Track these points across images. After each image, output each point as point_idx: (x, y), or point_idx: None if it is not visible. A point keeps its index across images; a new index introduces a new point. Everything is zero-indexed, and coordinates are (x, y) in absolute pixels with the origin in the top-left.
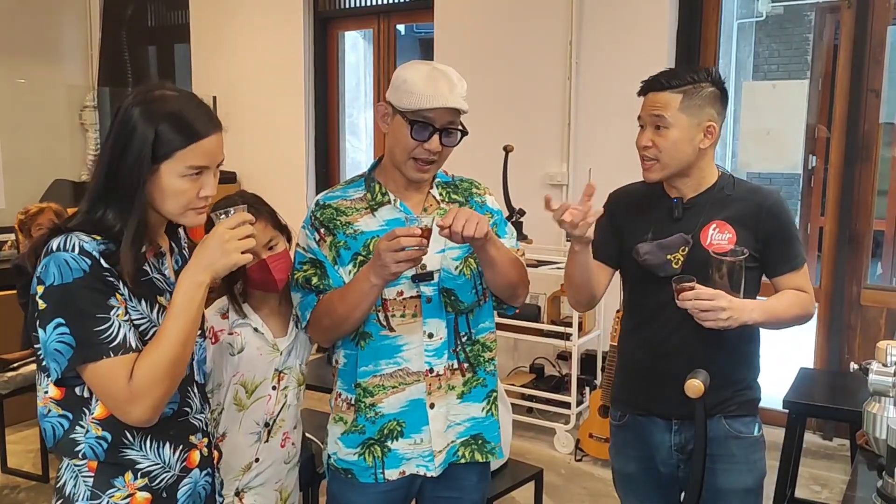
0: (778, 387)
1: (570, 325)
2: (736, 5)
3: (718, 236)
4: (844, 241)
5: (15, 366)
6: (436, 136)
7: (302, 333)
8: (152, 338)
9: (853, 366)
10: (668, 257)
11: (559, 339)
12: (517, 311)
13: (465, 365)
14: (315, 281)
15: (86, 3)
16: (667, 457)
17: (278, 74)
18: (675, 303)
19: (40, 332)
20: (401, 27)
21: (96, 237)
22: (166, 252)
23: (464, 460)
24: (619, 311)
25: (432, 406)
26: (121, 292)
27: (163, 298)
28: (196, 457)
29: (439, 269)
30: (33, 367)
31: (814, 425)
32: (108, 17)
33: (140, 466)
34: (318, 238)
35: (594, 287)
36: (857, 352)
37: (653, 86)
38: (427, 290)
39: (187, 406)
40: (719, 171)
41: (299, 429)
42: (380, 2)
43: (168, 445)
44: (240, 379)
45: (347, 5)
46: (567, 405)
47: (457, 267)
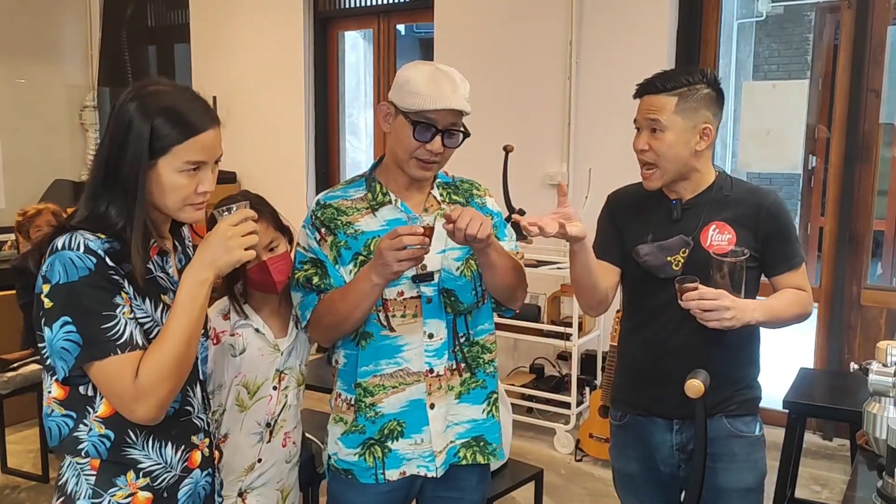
0: (778, 387)
1: (570, 325)
2: (736, 5)
3: (718, 237)
4: (844, 241)
5: (15, 366)
6: (438, 138)
7: (302, 333)
8: (156, 336)
9: (853, 366)
10: (669, 259)
11: (559, 339)
12: (517, 311)
13: (462, 366)
14: (316, 280)
15: (86, 3)
16: (668, 456)
17: (278, 74)
18: (676, 303)
19: (46, 330)
20: (401, 27)
21: (100, 235)
22: (170, 251)
23: (465, 462)
24: (619, 312)
25: (432, 406)
26: (126, 290)
27: (166, 297)
28: (197, 457)
29: (440, 270)
30: (33, 367)
31: (814, 425)
32: (108, 16)
33: (142, 466)
34: (318, 238)
35: (601, 288)
36: (857, 352)
37: (648, 88)
38: (427, 291)
39: (189, 406)
40: (716, 172)
41: (299, 428)
42: (380, 2)
43: (170, 445)
44: (241, 380)
45: (347, 5)
46: (567, 405)
47: (458, 268)
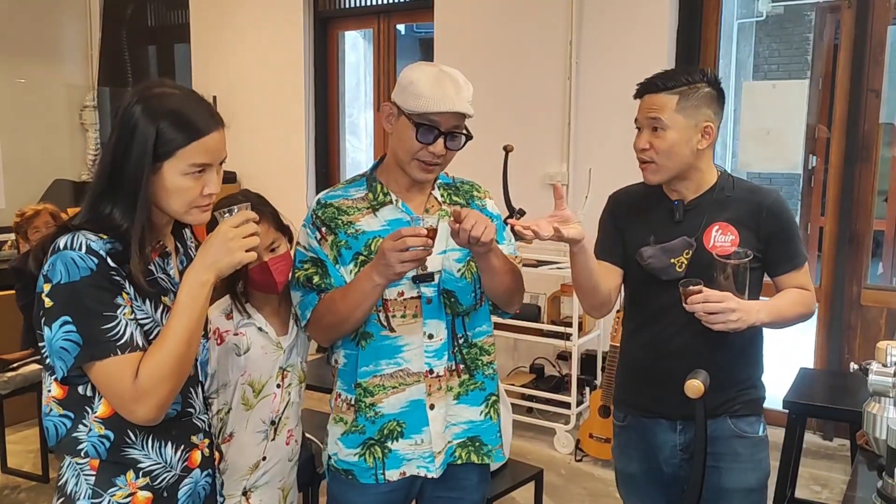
0: (778, 387)
1: (570, 325)
2: (736, 5)
3: (721, 238)
4: (844, 241)
5: (15, 366)
6: (441, 140)
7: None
8: (156, 337)
9: (853, 366)
10: (672, 261)
11: (559, 339)
12: (514, 314)
13: (461, 367)
14: (316, 280)
15: (86, 2)
16: (670, 456)
17: (278, 74)
18: (679, 304)
19: (46, 330)
20: (401, 27)
21: (103, 236)
22: (172, 252)
23: (460, 461)
24: (619, 312)
25: (432, 407)
26: (127, 291)
27: (167, 298)
28: (197, 457)
29: (440, 271)
30: (33, 367)
31: (814, 425)
32: (108, 16)
33: (142, 466)
34: (319, 237)
35: (603, 290)
36: (857, 352)
37: (648, 88)
38: (427, 291)
39: (190, 407)
40: (718, 172)
41: (300, 426)
42: (380, 2)
43: (170, 445)
44: (247, 379)
45: (347, 5)
46: (567, 405)
47: (459, 269)
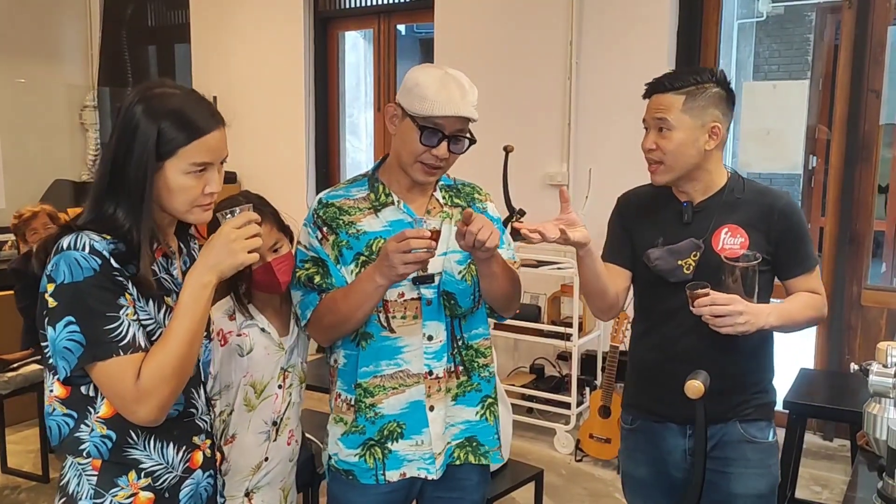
0: (778, 387)
1: (570, 325)
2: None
3: (730, 240)
4: (845, 242)
5: (15, 366)
6: (444, 143)
7: (302, 331)
8: (159, 338)
9: (854, 366)
10: (680, 263)
11: (559, 339)
12: (509, 317)
13: (460, 368)
14: (317, 280)
15: (86, 2)
16: (680, 460)
17: (278, 74)
18: (687, 307)
19: (49, 329)
20: (401, 27)
21: (106, 236)
22: (175, 253)
23: (458, 461)
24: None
25: (432, 409)
26: (129, 292)
27: (170, 299)
28: (199, 458)
29: (440, 272)
30: (33, 367)
31: (814, 426)
32: (108, 16)
33: (144, 466)
34: (320, 236)
35: (611, 292)
36: (857, 352)
37: (656, 88)
38: (427, 293)
39: (192, 407)
40: (728, 173)
41: (300, 427)
42: (380, 2)
43: (172, 446)
44: (249, 380)
45: (347, 5)
46: (567, 405)
47: (460, 272)
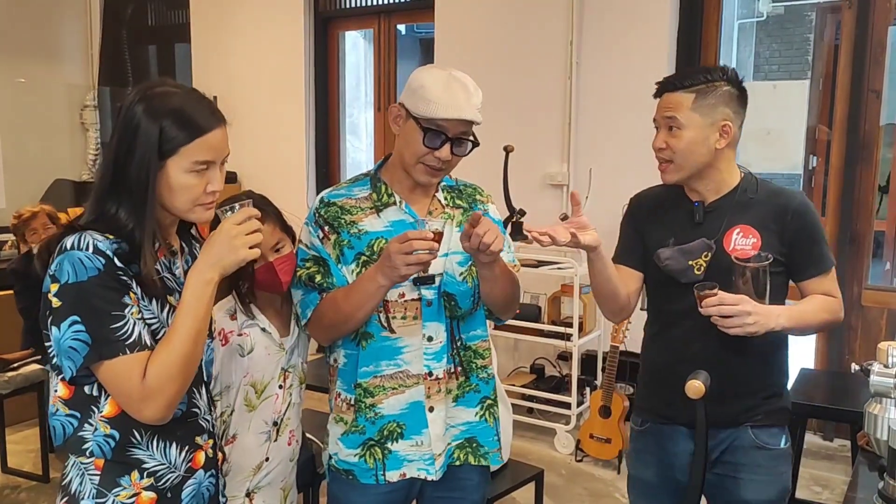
0: None
1: (570, 325)
2: (736, 5)
3: (742, 241)
4: (845, 242)
5: (15, 366)
6: (447, 145)
7: (302, 331)
8: (163, 337)
9: (854, 367)
10: (690, 263)
11: (560, 339)
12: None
13: (459, 369)
14: (318, 279)
15: (86, 2)
16: (687, 464)
17: (278, 74)
18: (699, 310)
19: (53, 330)
20: (401, 27)
21: (109, 236)
22: (177, 252)
23: (458, 462)
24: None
25: (431, 409)
26: (134, 291)
27: (172, 298)
28: (201, 458)
29: (441, 273)
30: (33, 366)
31: (814, 426)
32: (108, 16)
33: (146, 466)
34: (321, 235)
35: (622, 295)
36: (857, 352)
37: (666, 86)
38: (428, 294)
39: (195, 407)
40: (742, 173)
41: (300, 427)
42: (380, 2)
43: (174, 446)
44: (249, 380)
45: (348, 5)
46: (567, 406)
47: (461, 273)
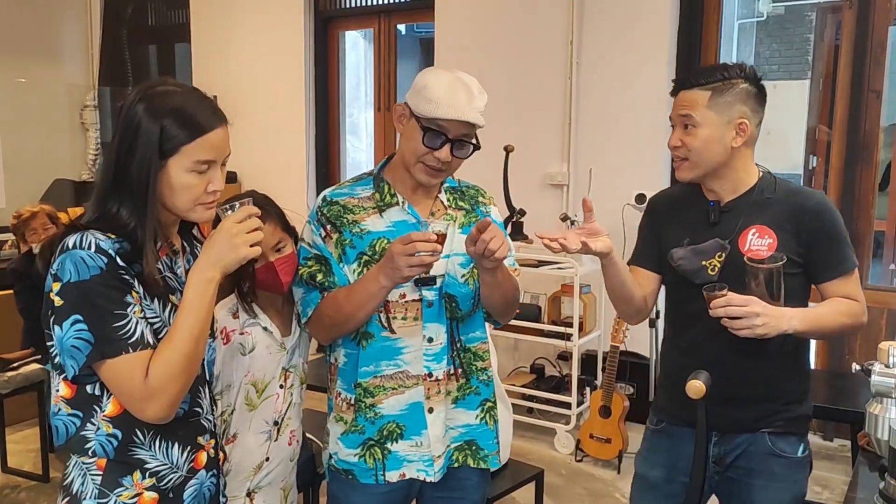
0: None
1: (570, 325)
2: (737, 5)
3: (758, 241)
4: None
5: (15, 365)
6: (447, 147)
7: (303, 331)
8: (165, 336)
9: (855, 367)
10: (704, 263)
11: (560, 339)
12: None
13: (459, 371)
14: (320, 278)
15: (86, 2)
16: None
17: (279, 74)
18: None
19: (55, 329)
20: (401, 27)
21: (111, 235)
22: (179, 251)
23: (457, 464)
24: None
25: (430, 411)
26: (136, 290)
27: (174, 297)
28: (203, 458)
29: (443, 275)
30: (33, 366)
31: (815, 426)
32: (108, 16)
33: (148, 466)
34: (324, 234)
35: (637, 298)
36: (857, 352)
37: (682, 84)
38: (429, 295)
39: (198, 407)
40: (760, 173)
41: (300, 427)
42: (380, 1)
43: (177, 446)
44: (250, 379)
45: (348, 5)
46: (567, 405)
47: (463, 275)
